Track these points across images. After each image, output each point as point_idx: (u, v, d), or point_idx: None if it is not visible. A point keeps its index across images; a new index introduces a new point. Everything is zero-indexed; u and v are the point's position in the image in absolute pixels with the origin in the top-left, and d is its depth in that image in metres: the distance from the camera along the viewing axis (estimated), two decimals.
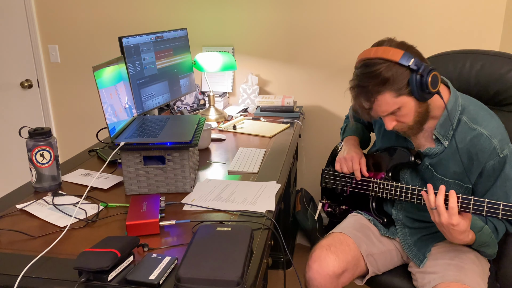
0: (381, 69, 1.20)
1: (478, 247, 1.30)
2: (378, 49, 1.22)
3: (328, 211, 1.69)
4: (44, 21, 2.77)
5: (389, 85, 1.20)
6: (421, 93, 1.21)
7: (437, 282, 1.28)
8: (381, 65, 1.20)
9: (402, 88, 1.21)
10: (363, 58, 1.25)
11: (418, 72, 1.20)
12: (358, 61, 1.27)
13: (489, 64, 1.54)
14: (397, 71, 1.20)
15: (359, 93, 1.26)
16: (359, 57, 1.28)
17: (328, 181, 1.69)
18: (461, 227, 1.17)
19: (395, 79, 1.20)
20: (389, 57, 1.20)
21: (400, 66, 1.20)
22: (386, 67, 1.20)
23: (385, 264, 1.48)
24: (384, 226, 1.53)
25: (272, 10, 2.50)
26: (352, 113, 1.77)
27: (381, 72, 1.20)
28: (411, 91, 1.21)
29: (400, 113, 1.26)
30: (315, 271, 1.35)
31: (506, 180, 1.28)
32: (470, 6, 2.27)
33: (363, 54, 1.26)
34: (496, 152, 1.26)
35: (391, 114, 1.27)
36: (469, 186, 1.33)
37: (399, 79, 1.20)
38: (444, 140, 1.33)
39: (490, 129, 1.27)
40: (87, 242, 1.09)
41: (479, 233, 1.25)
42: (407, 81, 1.21)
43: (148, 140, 1.33)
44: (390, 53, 1.20)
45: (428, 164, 1.38)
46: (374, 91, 1.22)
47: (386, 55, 1.20)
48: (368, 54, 1.24)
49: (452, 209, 1.16)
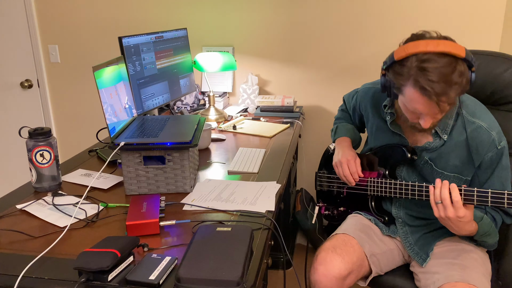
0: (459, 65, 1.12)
1: (480, 237, 1.31)
2: (444, 42, 1.12)
3: (326, 214, 1.69)
4: (44, 21, 2.77)
5: (464, 80, 1.13)
6: (468, 89, 1.16)
7: (441, 282, 1.28)
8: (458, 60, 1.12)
9: (465, 86, 1.14)
10: (421, 51, 1.12)
11: (473, 68, 1.15)
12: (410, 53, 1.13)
13: (485, 64, 1.54)
14: (464, 67, 1.13)
15: (429, 91, 1.12)
16: (408, 50, 1.14)
17: (323, 184, 1.68)
18: (467, 218, 1.18)
19: (465, 75, 1.13)
20: (457, 53, 1.11)
21: (463, 62, 1.13)
22: (453, 61, 1.11)
23: (387, 264, 1.48)
24: (385, 224, 1.53)
25: (272, 10, 2.50)
26: (340, 115, 1.77)
27: (451, 65, 1.11)
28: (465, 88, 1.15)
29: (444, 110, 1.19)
30: (321, 274, 1.34)
31: (502, 171, 1.32)
32: (470, 6, 2.27)
33: (418, 47, 1.12)
34: (494, 144, 1.29)
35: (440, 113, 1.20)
36: (468, 179, 1.35)
37: (466, 75, 1.14)
38: (443, 134, 1.33)
39: (488, 122, 1.30)
40: (87, 242, 1.09)
41: (480, 223, 1.26)
42: (468, 78, 1.14)
43: (148, 140, 1.33)
44: (457, 49, 1.11)
45: (427, 159, 1.38)
46: (443, 90, 1.11)
47: (455, 50, 1.11)
48: (427, 47, 1.11)
49: (457, 202, 1.16)
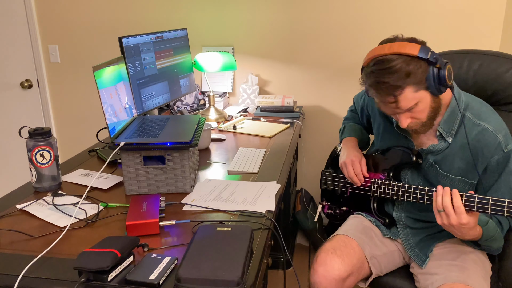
0: (400, 63, 1.17)
1: (485, 242, 1.29)
2: (392, 45, 1.20)
3: (328, 212, 1.69)
4: (44, 21, 2.77)
5: (410, 79, 1.18)
6: (438, 86, 1.20)
7: (440, 283, 1.27)
8: (398, 59, 1.18)
9: (421, 82, 1.19)
10: (377, 55, 1.22)
11: (436, 65, 1.18)
12: (370, 58, 1.24)
13: (487, 64, 1.54)
14: (416, 65, 1.18)
15: (380, 89, 1.22)
16: (370, 55, 1.24)
17: (328, 183, 1.68)
18: (471, 224, 1.17)
19: (415, 73, 1.18)
20: (407, 51, 1.18)
21: (419, 60, 1.18)
22: (405, 61, 1.18)
23: (387, 266, 1.48)
24: (386, 227, 1.52)
25: (272, 10, 2.50)
26: (349, 115, 1.77)
27: (401, 66, 1.17)
28: (428, 85, 1.20)
29: (417, 109, 1.24)
30: (321, 275, 1.34)
31: (510, 175, 1.29)
32: (470, 6, 2.27)
33: (375, 52, 1.23)
34: (501, 147, 1.27)
35: (407, 111, 1.25)
36: (473, 182, 1.33)
37: (419, 73, 1.18)
38: (448, 136, 1.32)
39: (494, 124, 1.29)
40: (87, 242, 1.09)
41: (485, 227, 1.25)
42: (425, 75, 1.19)
43: (148, 140, 1.33)
44: (407, 48, 1.18)
45: (432, 161, 1.37)
46: (396, 86, 1.19)
47: (403, 49, 1.18)
48: (382, 50, 1.21)
49: (458, 208, 1.16)
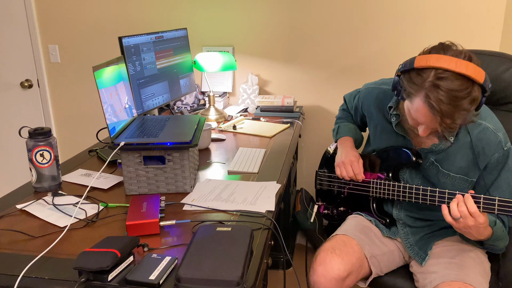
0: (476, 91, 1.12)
1: (493, 241, 1.30)
2: (468, 65, 1.11)
3: (325, 213, 1.69)
4: (44, 21, 2.77)
5: (473, 107, 1.14)
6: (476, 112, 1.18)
7: (438, 281, 1.28)
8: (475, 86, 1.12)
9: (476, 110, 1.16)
10: (442, 67, 1.12)
11: (486, 94, 1.15)
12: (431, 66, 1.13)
13: (485, 64, 1.54)
14: (478, 93, 1.13)
15: (448, 112, 1.13)
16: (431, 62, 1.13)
17: (323, 183, 1.68)
18: (486, 223, 1.18)
19: (477, 101, 1.14)
20: (478, 79, 1.11)
21: (480, 88, 1.14)
22: (478, 89, 1.13)
23: (387, 265, 1.48)
24: (386, 226, 1.52)
25: (272, 10, 2.50)
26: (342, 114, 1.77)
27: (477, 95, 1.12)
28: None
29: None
30: (320, 275, 1.34)
31: (509, 173, 1.31)
32: (470, 6, 2.27)
33: (450, 63, 1.12)
34: (501, 145, 1.29)
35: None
36: (473, 180, 1.34)
37: (477, 100, 1.14)
38: (449, 136, 1.33)
39: (494, 123, 1.31)
40: (87, 242, 1.09)
41: (495, 227, 1.25)
42: (479, 102, 1.15)
43: (148, 140, 1.33)
44: (478, 74, 1.12)
45: (433, 160, 1.37)
46: (465, 110, 1.13)
47: (479, 76, 1.12)
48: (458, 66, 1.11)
49: (474, 214, 1.15)
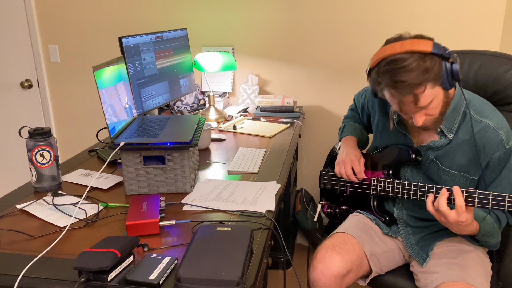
0: (416, 60, 1.14)
1: (482, 237, 1.31)
2: (403, 43, 1.16)
3: (328, 212, 1.69)
4: (44, 21, 2.77)
5: (428, 76, 1.15)
6: (451, 80, 1.19)
7: (440, 281, 1.28)
8: (413, 57, 1.15)
9: (437, 78, 1.17)
10: (387, 54, 1.18)
11: (449, 59, 1.17)
12: (380, 58, 1.20)
13: (487, 64, 1.54)
14: (432, 61, 1.16)
15: (399, 89, 1.18)
16: (380, 55, 1.20)
17: (327, 182, 1.68)
18: (468, 221, 1.19)
19: (432, 68, 1.15)
20: (421, 49, 1.15)
21: (433, 56, 1.16)
22: (420, 58, 1.15)
23: (387, 264, 1.48)
24: (386, 225, 1.53)
25: (272, 10, 2.50)
26: (349, 114, 1.77)
27: (418, 63, 1.14)
28: (443, 80, 1.19)
29: (431, 106, 1.21)
30: (320, 272, 1.34)
31: (511, 171, 1.30)
32: (470, 6, 2.27)
33: (386, 51, 1.19)
34: (502, 143, 1.28)
35: (423, 108, 1.22)
36: (474, 178, 1.34)
37: (435, 68, 1.16)
38: (448, 133, 1.33)
39: (496, 121, 1.30)
40: (87, 242, 1.09)
41: (483, 223, 1.26)
42: (440, 70, 1.17)
43: (148, 140, 1.33)
44: (421, 45, 1.15)
45: (433, 157, 1.37)
46: (416, 84, 1.15)
47: (417, 47, 1.15)
48: (393, 49, 1.17)
49: (460, 208, 1.17)
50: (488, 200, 1.17)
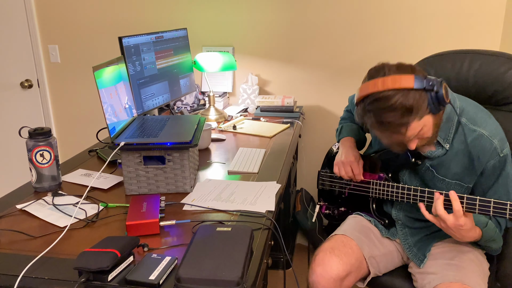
0: (399, 100, 1.13)
1: (485, 243, 1.31)
2: (385, 80, 1.15)
3: (326, 213, 1.69)
4: (44, 21, 2.77)
5: (413, 114, 1.15)
6: (438, 107, 1.18)
7: (437, 282, 1.28)
8: (397, 96, 1.13)
9: (422, 111, 1.16)
10: (371, 93, 1.17)
11: (433, 90, 1.15)
12: (363, 96, 1.19)
13: (487, 64, 1.54)
14: (415, 97, 1.14)
15: (385, 130, 1.20)
16: (363, 92, 1.19)
17: (325, 183, 1.68)
18: (468, 225, 1.18)
19: (417, 105, 1.14)
20: (402, 86, 1.13)
21: (416, 91, 1.14)
22: (403, 96, 1.13)
23: (386, 266, 1.48)
24: (385, 227, 1.52)
25: (272, 10, 2.50)
26: (345, 115, 1.77)
27: (401, 102, 1.13)
28: (430, 110, 1.18)
29: (422, 132, 1.21)
30: (319, 275, 1.34)
31: (507, 178, 1.30)
32: (470, 6, 2.27)
33: (368, 89, 1.18)
34: (496, 151, 1.27)
35: (414, 138, 1.22)
36: (469, 186, 1.34)
37: (420, 104, 1.15)
38: (445, 143, 1.32)
39: (490, 129, 1.29)
40: (87, 242, 1.09)
41: (485, 228, 1.26)
42: (425, 102, 1.16)
43: (148, 140, 1.33)
44: (402, 81, 1.14)
45: (429, 165, 1.38)
46: (401, 123, 1.16)
47: (399, 84, 1.14)
48: (375, 87, 1.16)
49: (457, 212, 1.16)
50: (489, 208, 1.16)
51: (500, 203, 1.14)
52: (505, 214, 1.14)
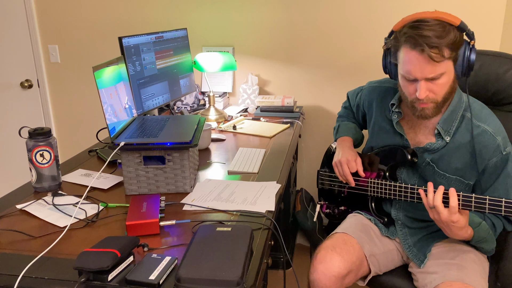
0: (442, 26, 1.17)
1: (476, 243, 1.31)
2: (433, 12, 1.19)
3: (327, 212, 1.69)
4: (44, 21, 2.77)
5: (448, 40, 1.17)
6: (465, 66, 1.19)
7: (438, 282, 1.28)
8: (441, 23, 1.17)
9: (454, 50, 1.19)
10: (417, 18, 1.20)
11: (471, 42, 1.19)
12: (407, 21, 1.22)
13: (487, 64, 1.54)
14: (456, 33, 1.18)
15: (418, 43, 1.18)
16: (407, 18, 1.22)
17: (324, 183, 1.68)
18: (460, 223, 1.18)
19: (454, 38, 1.17)
20: (449, 19, 1.18)
21: (458, 30, 1.19)
22: (446, 28, 1.17)
23: (386, 265, 1.48)
24: (385, 225, 1.53)
25: (272, 10, 2.50)
26: (343, 112, 1.77)
27: (443, 27, 1.17)
28: (458, 60, 1.20)
29: (439, 81, 1.21)
30: (321, 273, 1.34)
31: (508, 177, 1.30)
32: (470, 6, 2.27)
33: (414, 16, 1.21)
34: (499, 149, 1.27)
35: (431, 79, 1.21)
36: (470, 183, 1.34)
37: (456, 40, 1.18)
38: (445, 135, 1.32)
39: (494, 126, 1.29)
40: (87, 242, 1.09)
41: (477, 229, 1.26)
42: (460, 46, 1.19)
43: (148, 140, 1.33)
44: (451, 17, 1.18)
45: (429, 160, 1.37)
46: (435, 43, 1.16)
47: (446, 16, 1.18)
48: (422, 14, 1.20)
49: (453, 208, 1.16)
50: (484, 205, 1.16)
51: (495, 199, 1.15)
52: (500, 211, 1.14)
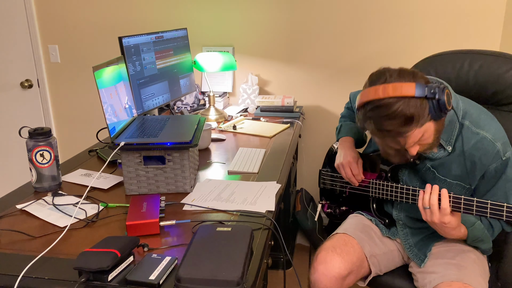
0: (400, 108, 1.11)
1: (472, 242, 1.32)
2: (385, 87, 1.13)
3: (328, 212, 1.69)
4: (44, 21, 2.77)
5: (414, 122, 1.13)
6: (440, 114, 1.16)
7: (438, 281, 1.28)
8: (397, 104, 1.11)
9: (424, 118, 1.15)
10: (372, 100, 1.15)
11: (435, 98, 1.13)
12: (364, 103, 1.17)
13: (487, 64, 1.54)
14: (417, 105, 1.12)
15: (384, 137, 1.20)
16: (363, 98, 1.17)
17: (326, 182, 1.69)
18: (452, 224, 1.20)
19: (418, 114, 1.12)
20: (404, 94, 1.11)
21: (417, 99, 1.12)
22: (404, 104, 1.11)
23: (387, 265, 1.48)
24: (386, 226, 1.53)
25: (272, 10, 2.50)
26: (346, 113, 1.77)
27: (402, 111, 1.11)
28: (431, 117, 1.16)
29: (423, 138, 1.20)
30: (321, 273, 1.34)
31: (507, 182, 1.30)
32: (470, 6, 2.27)
33: (369, 95, 1.16)
34: (499, 155, 1.27)
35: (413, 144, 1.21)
36: (470, 188, 1.34)
37: (421, 112, 1.13)
38: (447, 145, 1.32)
39: (493, 132, 1.28)
40: (87, 242, 1.09)
41: (471, 228, 1.27)
42: (426, 110, 1.14)
43: (148, 140, 1.33)
44: (403, 90, 1.11)
45: (430, 166, 1.37)
46: (402, 131, 1.15)
47: (400, 92, 1.11)
48: (376, 94, 1.14)
49: (444, 210, 1.18)
50: (486, 209, 1.16)
51: (497, 204, 1.14)
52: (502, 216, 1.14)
